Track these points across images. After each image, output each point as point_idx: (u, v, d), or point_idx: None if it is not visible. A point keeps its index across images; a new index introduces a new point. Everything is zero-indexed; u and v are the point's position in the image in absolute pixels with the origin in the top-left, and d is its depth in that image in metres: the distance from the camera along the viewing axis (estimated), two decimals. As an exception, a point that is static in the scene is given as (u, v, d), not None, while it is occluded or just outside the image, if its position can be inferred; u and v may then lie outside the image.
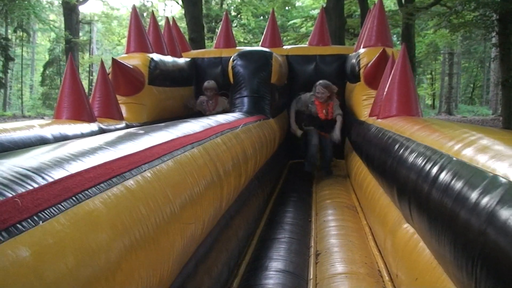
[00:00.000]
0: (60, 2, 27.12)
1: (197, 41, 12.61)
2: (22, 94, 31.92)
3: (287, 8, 27.84)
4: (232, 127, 3.59)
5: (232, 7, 30.03)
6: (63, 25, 28.27)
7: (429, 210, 1.91)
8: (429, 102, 41.85)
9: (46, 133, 3.40)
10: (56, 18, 35.20)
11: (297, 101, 6.48)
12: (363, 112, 5.22)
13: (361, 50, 5.78)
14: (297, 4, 28.70)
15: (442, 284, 1.81)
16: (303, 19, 24.04)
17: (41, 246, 1.09)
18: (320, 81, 6.19)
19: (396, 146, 2.92)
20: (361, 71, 5.54)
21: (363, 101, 5.39)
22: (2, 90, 29.36)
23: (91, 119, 4.08)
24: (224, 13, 8.02)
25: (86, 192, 1.38)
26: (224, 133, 3.25)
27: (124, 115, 4.87)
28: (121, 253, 1.39)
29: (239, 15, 29.17)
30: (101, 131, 4.01)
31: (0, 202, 1.08)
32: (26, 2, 22.38)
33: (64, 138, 3.51)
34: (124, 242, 1.43)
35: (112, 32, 34.55)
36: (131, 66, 5.19)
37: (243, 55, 5.84)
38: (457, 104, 35.53)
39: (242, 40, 28.53)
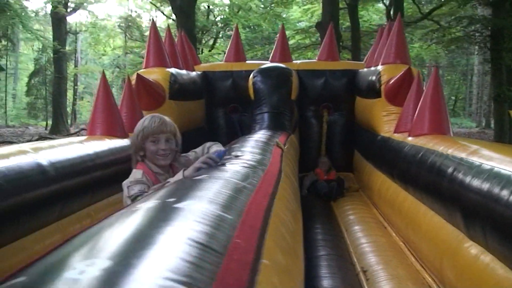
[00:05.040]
0: (49, 12, 26.84)
1: (192, 54, 12.60)
2: (6, 104, 31.46)
3: (275, 20, 27.91)
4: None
5: (220, 18, 30.06)
6: (48, 35, 27.95)
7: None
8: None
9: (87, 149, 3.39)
10: (41, 27, 34.79)
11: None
12: (384, 127, 5.27)
13: (380, 67, 5.81)
14: (284, 15, 28.79)
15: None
16: (294, 32, 24.25)
17: None
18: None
19: (452, 168, 2.94)
20: (382, 87, 5.58)
21: (383, 116, 5.42)
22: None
23: (123, 134, 4.06)
24: (234, 27, 8.02)
25: None
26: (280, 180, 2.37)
27: (147, 130, 4.83)
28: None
29: (226, 28, 29.18)
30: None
31: None
32: (12, 11, 22.08)
33: (102, 153, 3.52)
34: None
35: (99, 43, 34.22)
36: (153, 81, 5.17)
37: (263, 72, 5.86)
38: (440, 116, 36.03)
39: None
